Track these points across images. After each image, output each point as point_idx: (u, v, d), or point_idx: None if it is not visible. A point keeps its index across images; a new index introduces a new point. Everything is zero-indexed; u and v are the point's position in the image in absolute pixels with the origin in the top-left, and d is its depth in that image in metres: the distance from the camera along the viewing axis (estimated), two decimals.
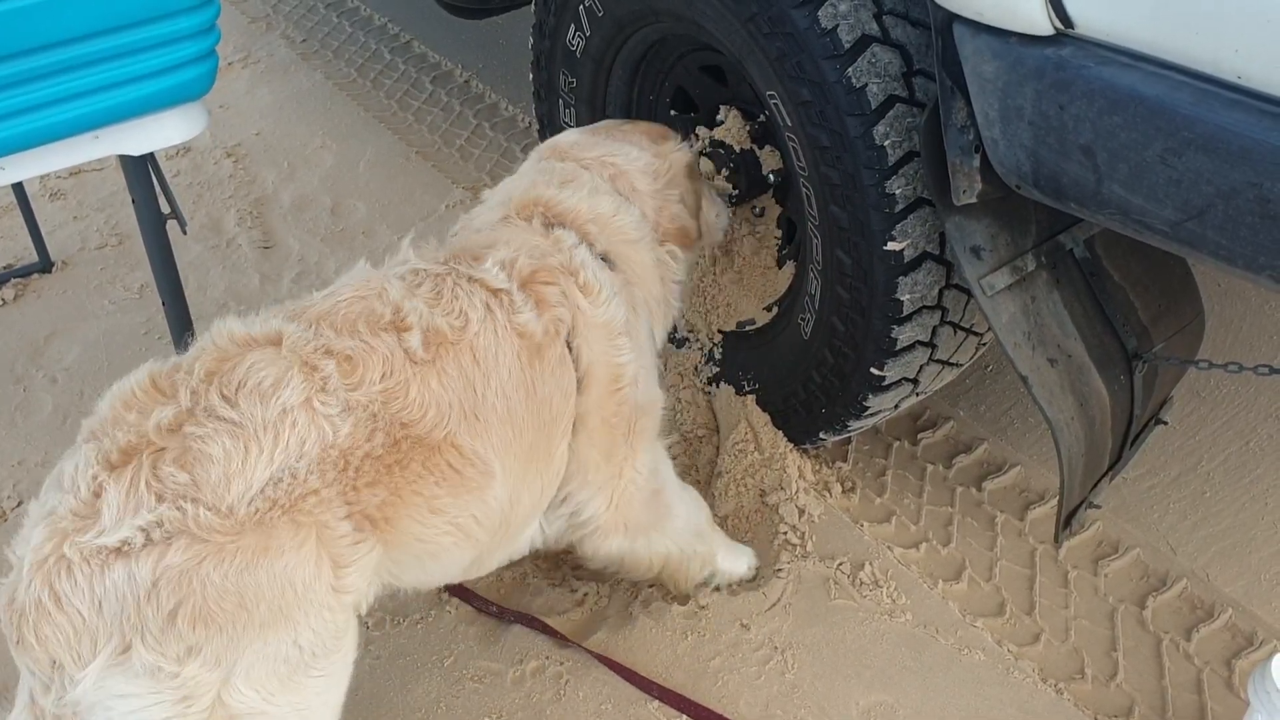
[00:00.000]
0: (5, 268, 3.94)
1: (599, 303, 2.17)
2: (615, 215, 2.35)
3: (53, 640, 1.61)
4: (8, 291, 3.81)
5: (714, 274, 3.04)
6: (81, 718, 1.65)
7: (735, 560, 2.69)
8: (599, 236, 2.30)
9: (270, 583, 1.69)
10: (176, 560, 1.62)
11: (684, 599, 2.65)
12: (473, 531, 2.02)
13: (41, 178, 4.38)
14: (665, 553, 2.51)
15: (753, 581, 2.72)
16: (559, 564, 2.78)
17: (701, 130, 2.83)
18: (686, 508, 2.54)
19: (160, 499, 1.65)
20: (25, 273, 3.90)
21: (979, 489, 3.04)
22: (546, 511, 2.29)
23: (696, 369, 3.14)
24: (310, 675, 1.80)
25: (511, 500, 2.08)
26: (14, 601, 1.64)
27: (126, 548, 1.62)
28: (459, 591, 2.68)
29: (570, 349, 2.14)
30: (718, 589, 2.67)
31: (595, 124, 2.66)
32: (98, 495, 1.65)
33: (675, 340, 3.17)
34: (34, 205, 3.89)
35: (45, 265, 3.91)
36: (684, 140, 2.61)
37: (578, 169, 2.40)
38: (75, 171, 4.47)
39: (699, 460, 3.07)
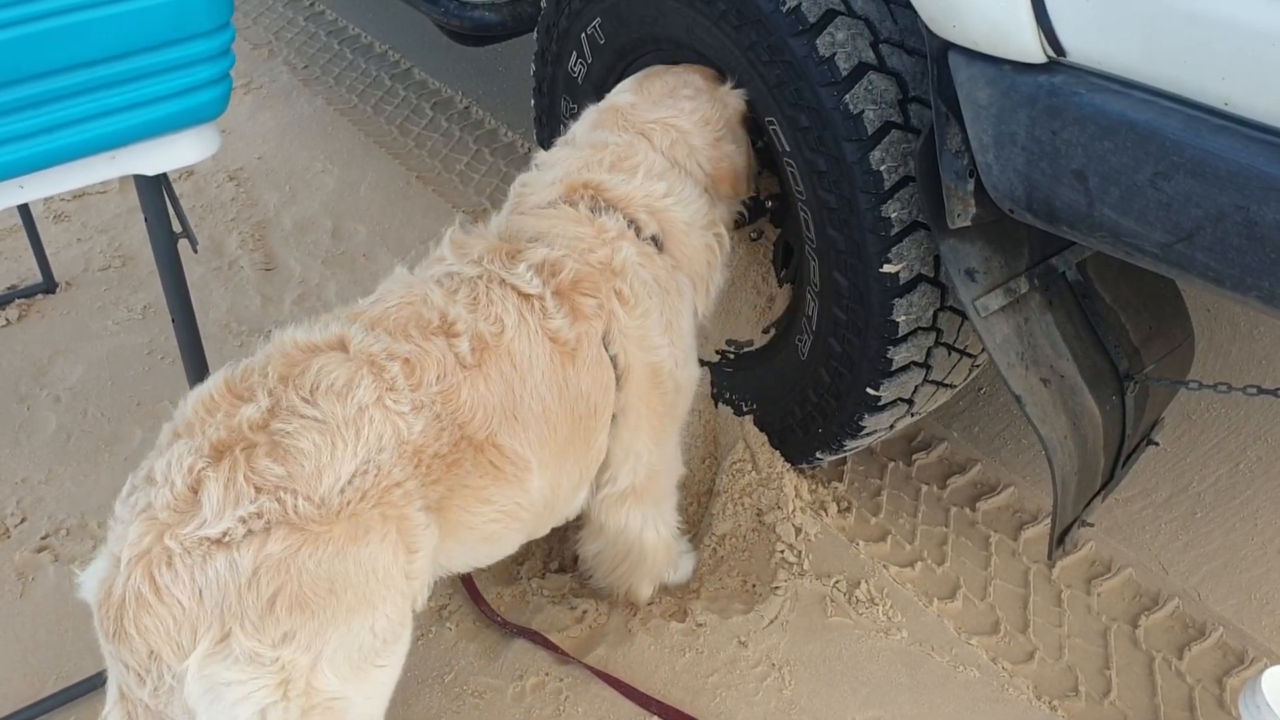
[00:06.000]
0: (10, 288, 3.96)
1: (635, 315, 2.23)
2: (670, 201, 2.37)
3: (153, 631, 1.65)
4: (12, 311, 3.83)
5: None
6: (185, 707, 1.69)
7: (687, 563, 2.82)
8: (649, 222, 2.34)
9: (357, 570, 1.76)
10: (276, 549, 1.68)
11: (636, 608, 2.71)
12: (519, 515, 2.12)
13: (46, 200, 4.41)
14: (655, 543, 2.58)
15: (749, 599, 2.75)
16: (560, 581, 2.81)
17: None
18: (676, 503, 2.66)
19: (259, 490, 1.70)
20: (30, 293, 3.91)
21: (973, 509, 3.08)
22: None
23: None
24: (377, 664, 1.87)
25: (552, 487, 2.17)
26: (111, 595, 1.67)
27: (228, 538, 1.67)
28: (471, 590, 2.72)
29: (608, 349, 2.20)
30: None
31: (644, 74, 2.62)
32: (194, 489, 1.70)
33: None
34: (39, 227, 3.93)
35: (49, 286, 3.93)
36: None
37: (635, 141, 2.42)
38: (79, 194, 4.50)
39: (692, 480, 3.10)
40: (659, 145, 2.43)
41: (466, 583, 2.74)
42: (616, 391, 2.24)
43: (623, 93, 2.57)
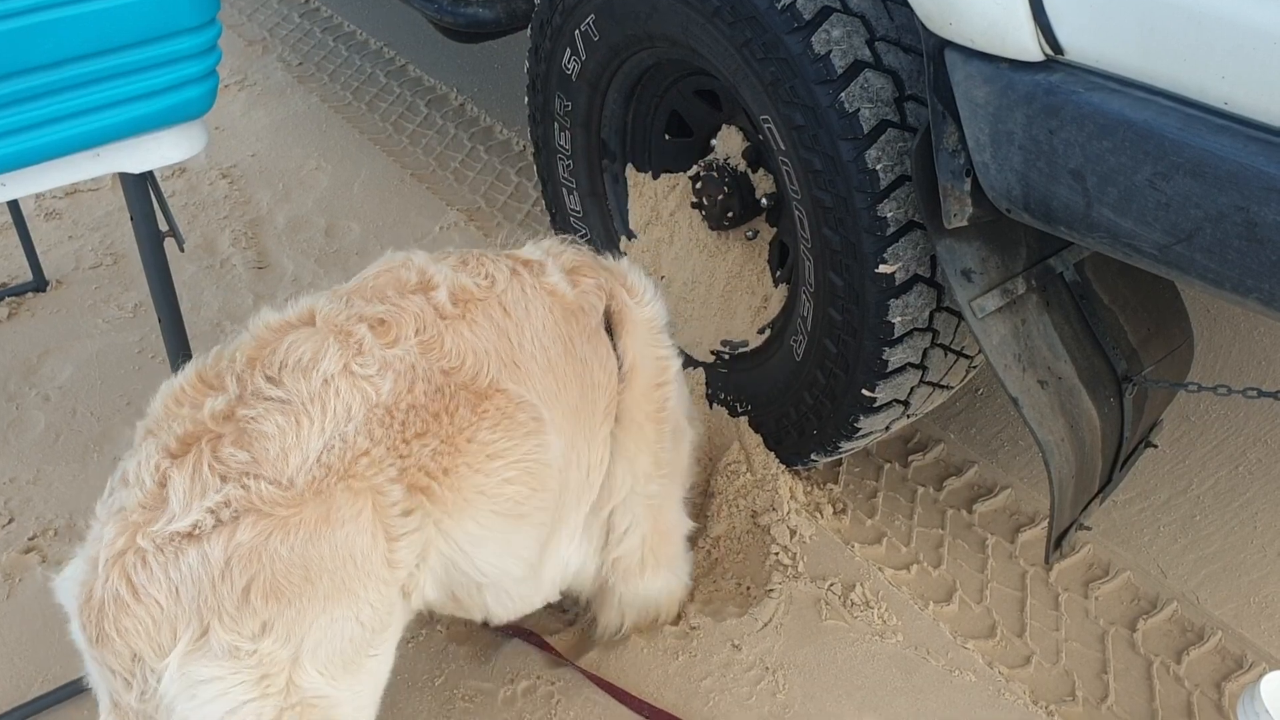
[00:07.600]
0: (0, 286, 3.94)
1: (643, 301, 2.19)
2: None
3: (133, 633, 1.62)
4: (2, 310, 3.80)
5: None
6: (168, 708, 1.66)
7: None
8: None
9: (332, 554, 1.70)
10: (246, 537, 1.64)
11: (675, 620, 2.67)
12: (540, 476, 1.99)
13: (37, 197, 4.39)
14: (679, 594, 2.59)
15: (744, 602, 2.73)
16: None
17: None
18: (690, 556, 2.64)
19: (224, 479, 1.66)
20: (20, 291, 3.89)
21: (969, 511, 3.05)
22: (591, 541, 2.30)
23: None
24: (369, 655, 1.82)
25: (566, 460, 2.06)
26: (91, 598, 1.64)
27: (198, 530, 1.63)
28: None
29: (613, 341, 2.15)
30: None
31: None
32: (162, 485, 1.66)
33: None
34: (30, 224, 3.89)
35: (40, 284, 3.91)
36: None
37: None
38: (71, 191, 4.47)
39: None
40: None
41: None
42: (622, 388, 2.17)
43: None
